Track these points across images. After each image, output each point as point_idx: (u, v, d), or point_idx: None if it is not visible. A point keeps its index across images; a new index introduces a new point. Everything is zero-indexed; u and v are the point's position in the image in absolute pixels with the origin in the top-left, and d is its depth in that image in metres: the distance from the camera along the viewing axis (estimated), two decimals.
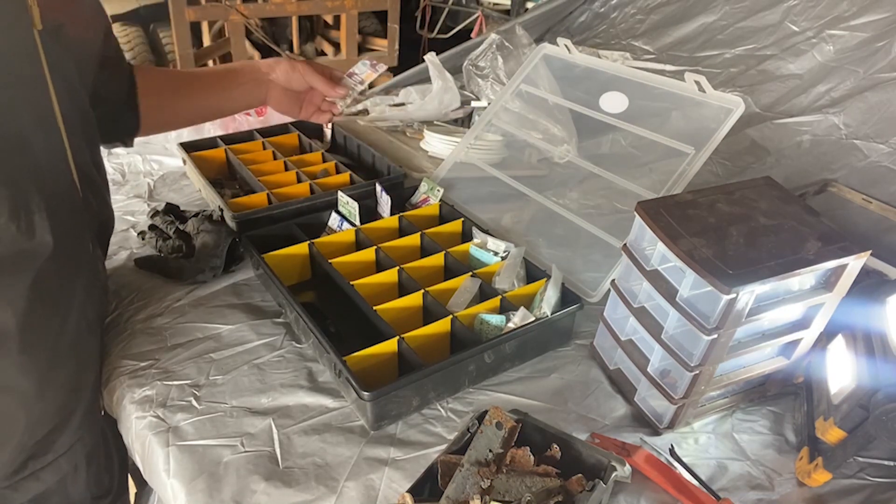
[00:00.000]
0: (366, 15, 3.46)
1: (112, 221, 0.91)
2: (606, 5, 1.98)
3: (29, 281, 0.66)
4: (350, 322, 0.87)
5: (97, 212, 0.81)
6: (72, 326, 0.74)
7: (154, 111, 1.00)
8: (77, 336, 0.75)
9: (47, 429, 0.74)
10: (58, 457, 0.77)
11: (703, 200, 0.75)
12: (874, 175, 1.13)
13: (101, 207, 0.83)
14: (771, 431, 0.77)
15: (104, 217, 0.85)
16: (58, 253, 0.68)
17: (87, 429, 0.80)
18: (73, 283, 0.74)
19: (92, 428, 0.81)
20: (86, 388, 0.79)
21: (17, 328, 0.66)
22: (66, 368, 0.74)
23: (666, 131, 1.00)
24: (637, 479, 0.68)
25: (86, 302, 0.77)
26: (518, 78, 1.23)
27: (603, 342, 0.86)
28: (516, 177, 1.16)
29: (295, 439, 0.74)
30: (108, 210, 0.87)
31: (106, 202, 0.86)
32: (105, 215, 0.86)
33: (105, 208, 0.86)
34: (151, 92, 0.98)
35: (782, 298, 0.69)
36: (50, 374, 0.72)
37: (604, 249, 0.97)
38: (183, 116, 1.10)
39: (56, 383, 0.73)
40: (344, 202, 1.05)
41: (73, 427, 0.77)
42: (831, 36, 1.39)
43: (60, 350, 0.73)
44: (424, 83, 1.65)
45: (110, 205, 0.89)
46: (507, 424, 0.65)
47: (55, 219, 0.67)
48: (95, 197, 0.80)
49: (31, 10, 0.65)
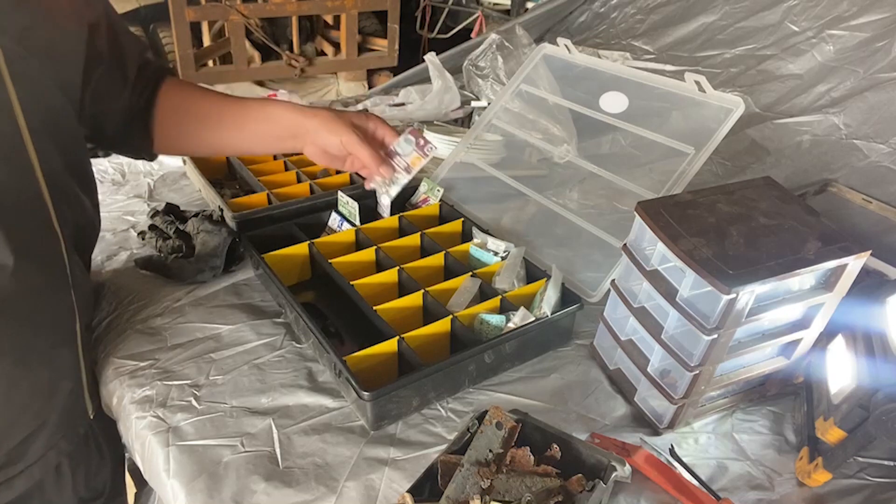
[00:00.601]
0: (366, 15, 3.46)
1: (95, 224, 0.84)
2: (606, 5, 1.98)
3: None
4: (350, 322, 0.87)
5: (72, 219, 0.75)
6: (42, 339, 0.72)
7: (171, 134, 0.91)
8: (50, 347, 0.73)
9: (18, 438, 0.73)
10: (30, 465, 0.75)
11: (703, 200, 0.75)
12: (874, 175, 1.13)
13: (77, 214, 0.77)
14: (771, 431, 0.77)
15: (82, 223, 0.79)
16: (20, 267, 0.65)
17: (63, 435, 0.78)
18: (42, 296, 0.71)
19: (70, 434, 0.80)
20: (60, 395, 0.77)
21: None
22: (36, 379, 0.73)
23: (666, 131, 1.00)
24: (637, 479, 0.68)
25: (59, 313, 0.74)
26: (518, 78, 1.23)
27: (603, 342, 0.86)
28: (516, 177, 1.16)
29: (295, 439, 0.74)
30: (87, 215, 0.80)
31: (84, 208, 0.79)
32: (82, 221, 0.79)
33: (83, 214, 0.79)
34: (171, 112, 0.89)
35: (782, 298, 0.69)
36: (18, 385, 0.70)
37: (604, 249, 0.97)
38: (204, 146, 0.98)
39: (26, 394, 0.72)
40: (344, 202, 1.05)
41: (47, 434, 0.76)
42: (831, 36, 1.39)
43: (29, 362, 0.71)
44: (424, 83, 1.66)
45: (91, 208, 0.82)
46: (507, 424, 0.65)
47: (15, 235, 0.64)
48: (71, 205, 0.74)
49: None
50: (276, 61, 3.19)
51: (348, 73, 3.44)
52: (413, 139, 0.86)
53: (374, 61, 3.42)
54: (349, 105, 1.64)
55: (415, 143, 0.85)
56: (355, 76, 3.46)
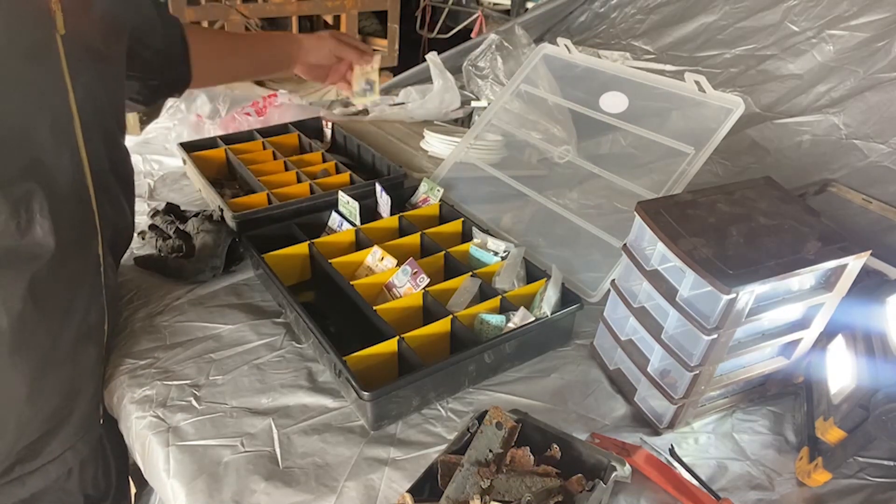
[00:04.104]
0: (366, 15, 3.46)
1: (131, 230, 0.90)
2: (606, 5, 1.98)
3: (25, 282, 0.66)
4: (350, 322, 0.87)
5: (112, 220, 0.80)
6: (70, 332, 0.73)
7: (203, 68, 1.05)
8: (76, 342, 0.74)
9: (38, 434, 0.73)
10: (46, 463, 0.76)
11: (703, 200, 0.75)
12: (874, 175, 1.13)
13: (116, 215, 0.81)
14: (771, 431, 0.77)
15: (120, 225, 0.84)
16: (60, 257, 0.67)
17: (81, 437, 0.79)
18: (75, 288, 0.73)
19: (87, 437, 0.81)
20: (83, 396, 0.78)
21: (9, 328, 0.66)
22: (61, 374, 0.74)
23: (666, 131, 1.00)
24: (637, 479, 0.68)
25: (89, 309, 0.76)
26: (518, 78, 1.23)
27: (603, 342, 0.86)
28: (516, 177, 1.16)
29: (295, 439, 0.74)
30: (125, 218, 0.86)
31: (123, 210, 0.84)
32: (121, 224, 0.84)
33: (122, 217, 0.84)
34: (202, 52, 1.03)
35: (782, 298, 0.69)
36: (43, 379, 0.71)
37: (604, 249, 0.97)
38: (225, 74, 1.18)
39: (49, 388, 0.73)
40: (344, 202, 1.05)
41: (66, 434, 0.77)
42: (831, 36, 1.39)
43: (56, 355, 0.72)
44: (424, 83, 1.66)
45: (129, 214, 0.87)
46: (507, 424, 0.65)
47: (60, 222, 0.66)
48: (112, 205, 0.79)
49: (55, 15, 0.65)
50: None
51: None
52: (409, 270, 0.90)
53: None
54: (349, 105, 1.64)
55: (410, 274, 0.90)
56: None
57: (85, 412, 0.79)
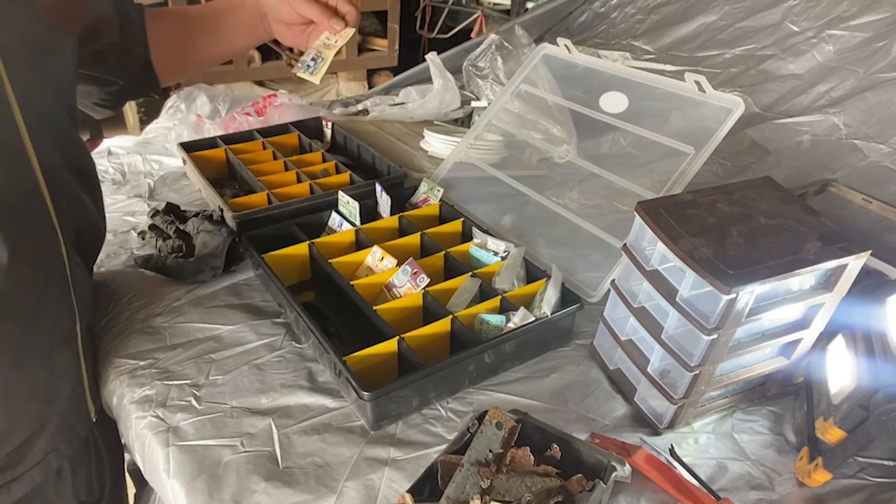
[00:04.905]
0: (366, 15, 3.46)
1: (98, 227, 0.86)
2: (606, 5, 1.98)
3: None
4: (350, 322, 0.87)
5: (73, 219, 0.76)
6: (40, 339, 0.71)
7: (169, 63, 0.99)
8: (48, 348, 0.73)
9: (18, 441, 0.73)
10: (30, 468, 0.75)
11: (703, 200, 0.75)
12: (874, 175, 1.13)
13: (78, 214, 0.77)
14: (771, 431, 0.77)
15: (84, 223, 0.80)
16: (17, 265, 0.65)
17: (63, 438, 0.78)
18: (40, 295, 0.71)
19: (70, 437, 0.80)
20: (60, 398, 0.77)
21: None
22: (35, 380, 0.72)
23: (666, 131, 0.99)
24: (637, 479, 0.68)
25: (58, 314, 0.74)
26: (518, 78, 1.23)
27: (603, 342, 0.86)
28: (516, 177, 1.16)
29: (295, 439, 0.74)
30: (88, 216, 0.81)
31: (85, 208, 0.80)
32: (84, 221, 0.80)
33: (84, 214, 0.80)
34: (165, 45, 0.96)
35: (782, 298, 0.69)
36: (16, 386, 0.70)
37: (604, 249, 0.97)
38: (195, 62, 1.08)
39: (23, 395, 0.71)
40: (344, 202, 1.05)
41: (47, 437, 0.76)
42: (831, 36, 1.39)
43: (27, 362, 0.70)
44: (424, 83, 1.66)
45: (94, 210, 0.83)
46: (507, 424, 0.65)
47: (12, 231, 0.64)
48: (71, 204, 0.75)
49: None
50: (275, 61, 3.19)
51: (348, 72, 3.44)
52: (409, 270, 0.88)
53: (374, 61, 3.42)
54: (349, 105, 1.64)
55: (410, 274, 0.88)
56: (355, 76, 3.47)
57: (64, 412, 0.78)
